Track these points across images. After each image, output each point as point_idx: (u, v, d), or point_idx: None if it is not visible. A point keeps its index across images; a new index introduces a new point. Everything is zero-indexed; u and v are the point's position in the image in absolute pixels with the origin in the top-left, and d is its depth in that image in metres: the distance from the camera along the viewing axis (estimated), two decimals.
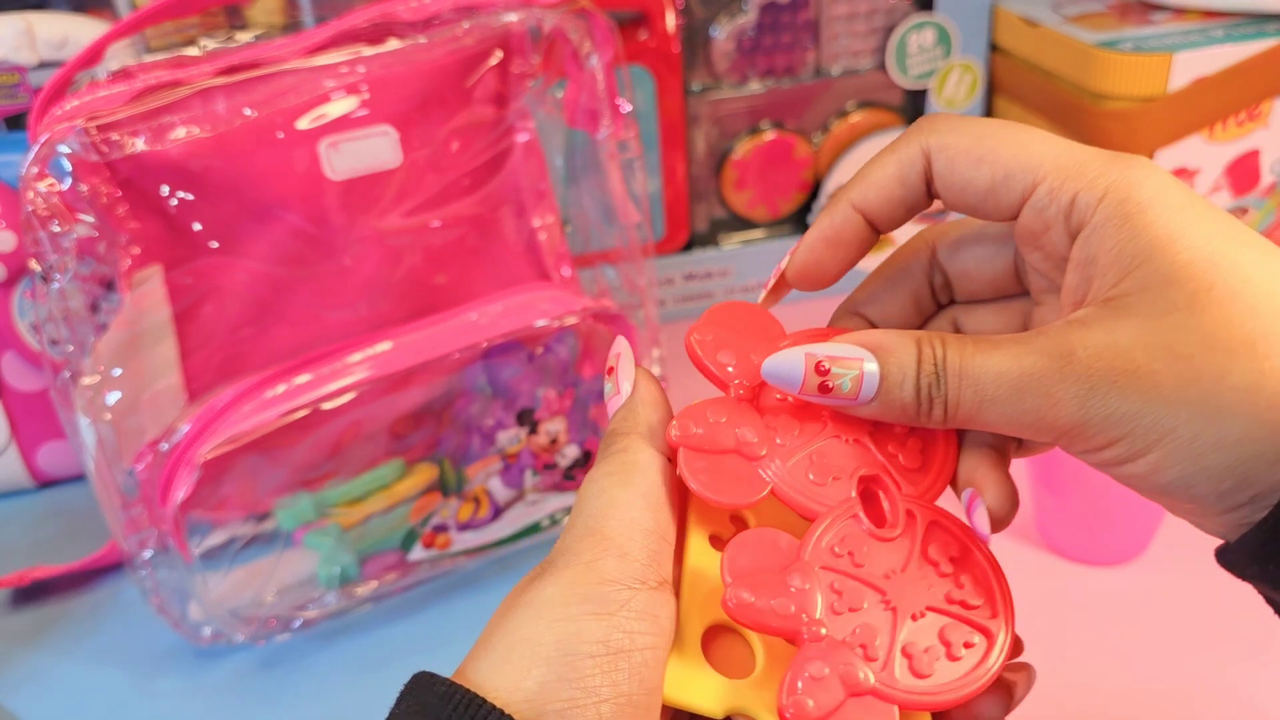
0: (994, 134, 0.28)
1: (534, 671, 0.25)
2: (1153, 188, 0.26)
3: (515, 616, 0.27)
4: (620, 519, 0.28)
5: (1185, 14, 0.70)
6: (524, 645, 0.26)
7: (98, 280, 0.50)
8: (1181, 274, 0.25)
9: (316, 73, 0.50)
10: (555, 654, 0.26)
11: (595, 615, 0.26)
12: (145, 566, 0.52)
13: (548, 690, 0.25)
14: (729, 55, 0.75)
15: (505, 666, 0.26)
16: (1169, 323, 0.25)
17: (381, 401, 0.51)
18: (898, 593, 0.28)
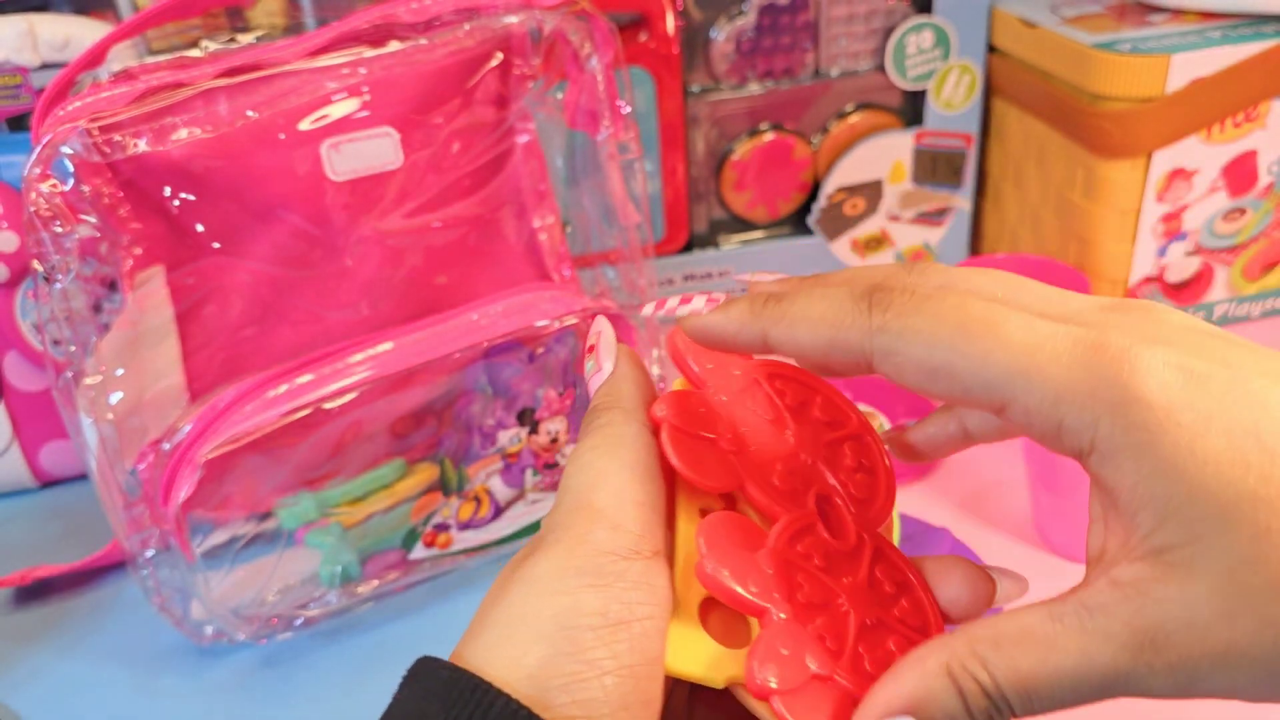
0: (949, 342, 0.24)
1: (533, 648, 0.25)
2: (1155, 391, 0.22)
3: (510, 594, 0.26)
4: (610, 491, 0.27)
5: (1183, 15, 0.70)
6: (521, 622, 0.26)
7: (100, 281, 0.50)
8: (1233, 514, 0.22)
9: (318, 74, 0.50)
10: (554, 629, 0.25)
11: (592, 587, 0.26)
12: (147, 566, 0.52)
13: (549, 666, 0.25)
14: (728, 57, 0.76)
15: (504, 645, 0.26)
16: (1240, 583, 0.22)
17: (383, 401, 0.51)
18: (854, 598, 0.29)
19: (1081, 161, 0.70)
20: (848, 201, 0.80)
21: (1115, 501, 0.23)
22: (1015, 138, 0.78)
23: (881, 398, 0.69)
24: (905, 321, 0.25)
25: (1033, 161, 0.76)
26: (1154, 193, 0.69)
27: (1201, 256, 0.72)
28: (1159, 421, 0.22)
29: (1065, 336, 0.23)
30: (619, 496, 0.27)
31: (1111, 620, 0.23)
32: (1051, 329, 0.24)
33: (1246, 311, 0.75)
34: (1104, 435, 0.23)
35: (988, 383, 0.24)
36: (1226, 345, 0.24)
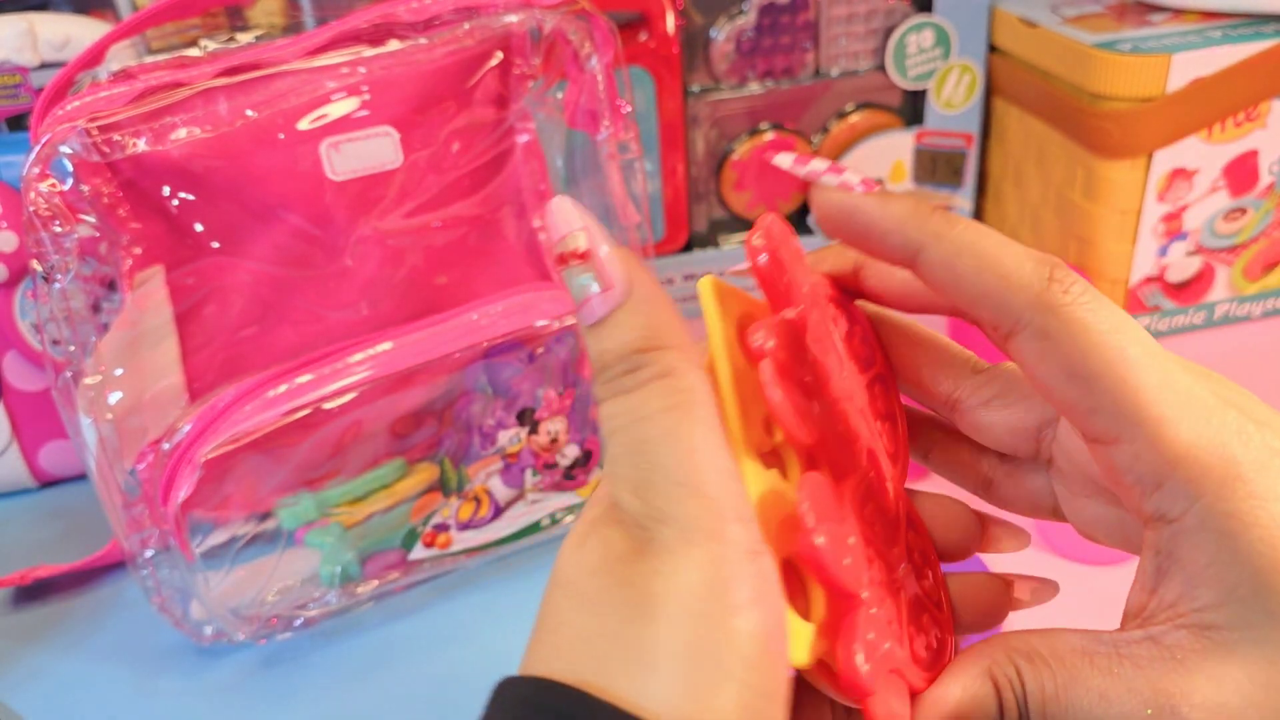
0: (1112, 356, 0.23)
1: (725, 689, 0.21)
2: (1258, 478, 0.22)
3: (650, 613, 0.21)
4: (712, 470, 0.22)
5: (1183, 15, 0.70)
6: (704, 659, 0.21)
7: (99, 280, 0.50)
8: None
9: (317, 74, 0.50)
10: (739, 667, 0.21)
11: (755, 605, 0.22)
12: (147, 565, 0.52)
13: (746, 711, 0.21)
14: (728, 57, 0.75)
15: (697, 692, 0.21)
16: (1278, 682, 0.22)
17: (382, 401, 0.51)
18: (904, 580, 0.27)
19: (1082, 161, 0.70)
20: None
21: (1180, 569, 0.23)
22: (1016, 137, 0.78)
23: None
24: (1083, 314, 0.23)
25: (1033, 161, 0.76)
26: (1154, 192, 0.69)
27: (1202, 256, 0.72)
28: (1252, 511, 0.22)
29: (1207, 397, 0.23)
30: (723, 476, 0.22)
31: (1139, 675, 0.23)
32: (1198, 388, 0.23)
33: (1247, 311, 0.75)
34: (1198, 510, 0.23)
35: (1122, 412, 0.23)
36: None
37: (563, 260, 0.23)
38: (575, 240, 0.23)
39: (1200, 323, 0.75)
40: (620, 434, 0.23)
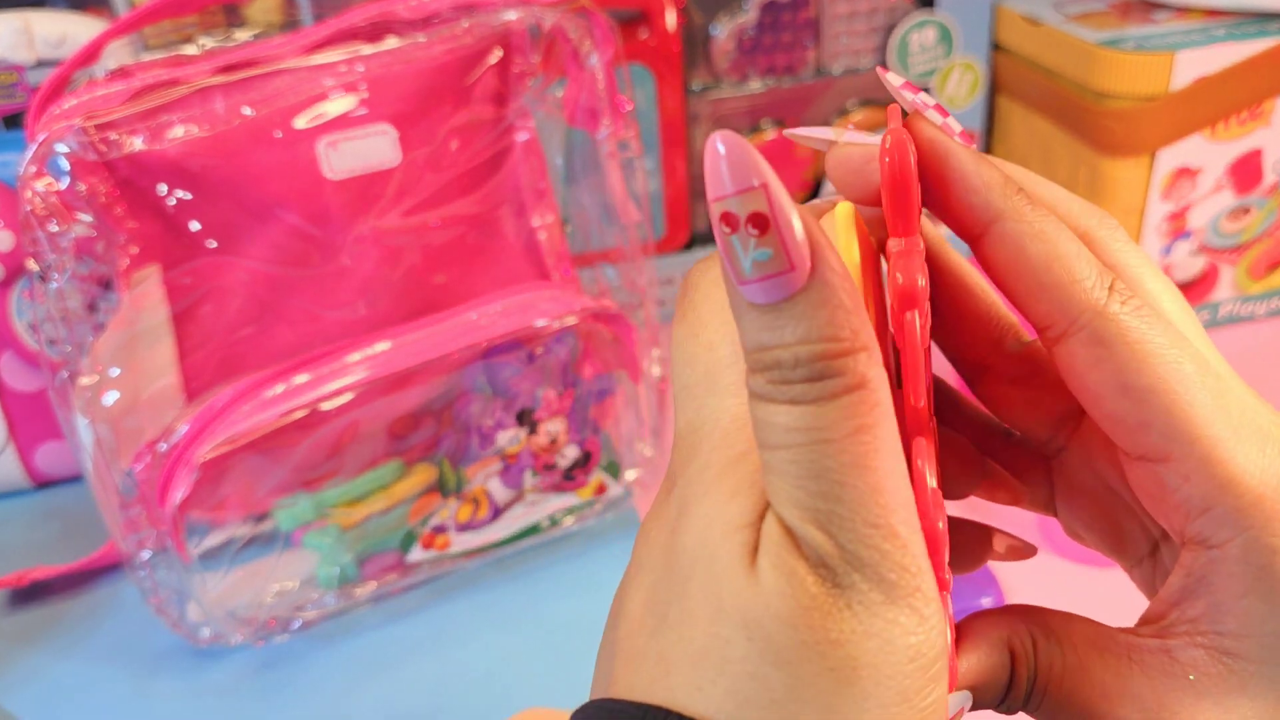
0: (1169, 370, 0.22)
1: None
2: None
3: (858, 682, 0.19)
4: (902, 507, 0.19)
5: (1187, 13, 0.70)
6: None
7: (96, 280, 0.49)
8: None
9: (315, 71, 0.50)
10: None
11: (943, 670, 0.20)
12: (144, 567, 0.51)
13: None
14: (729, 54, 0.75)
15: None
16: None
17: (380, 402, 0.51)
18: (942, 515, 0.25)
19: (1086, 160, 0.70)
20: None
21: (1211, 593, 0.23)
22: (1019, 136, 0.78)
23: None
24: (1139, 325, 0.22)
25: (1037, 159, 0.76)
26: (1158, 191, 0.68)
27: (1206, 255, 0.72)
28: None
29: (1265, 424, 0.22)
30: (909, 514, 0.20)
31: (1146, 684, 0.23)
32: (1256, 414, 0.23)
33: (1251, 311, 0.75)
34: (1242, 541, 0.22)
35: (1175, 431, 0.22)
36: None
37: (729, 221, 0.18)
38: (754, 202, 0.18)
39: (1204, 322, 0.74)
40: (793, 451, 0.19)
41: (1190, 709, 0.22)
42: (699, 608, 0.19)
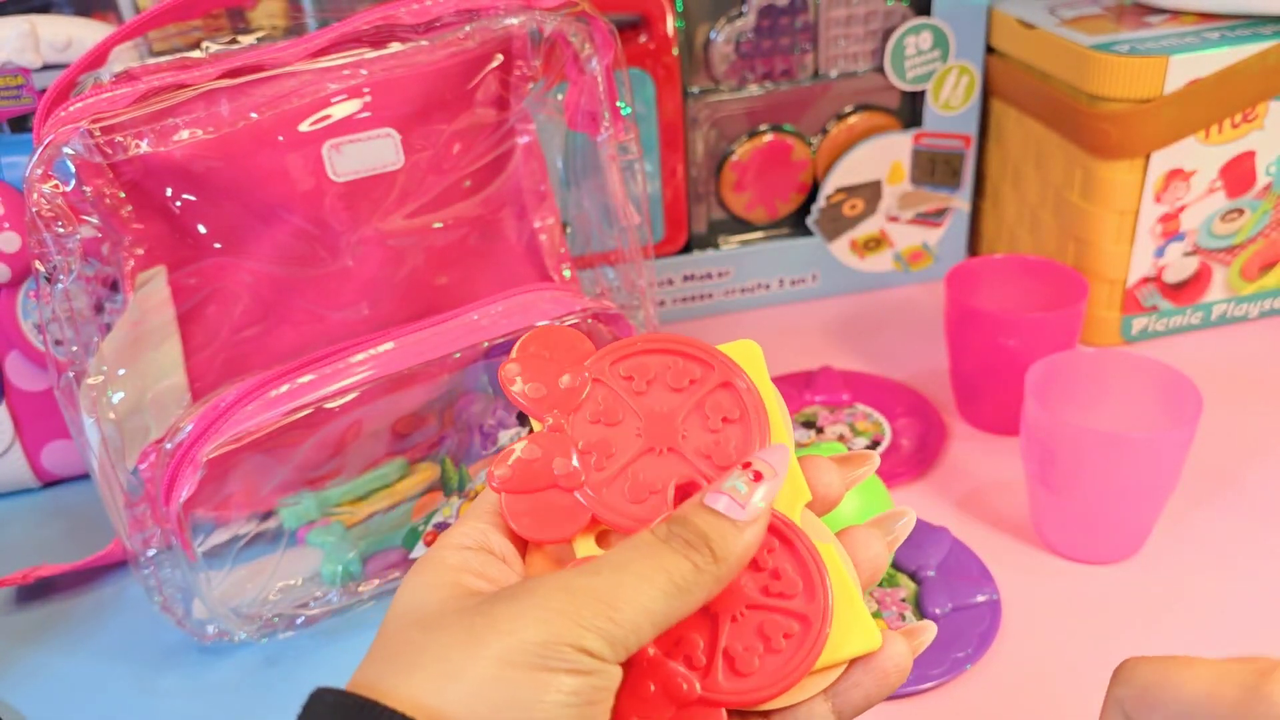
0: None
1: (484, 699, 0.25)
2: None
3: (477, 649, 0.26)
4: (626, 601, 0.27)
5: (1181, 17, 0.71)
6: (481, 686, 0.25)
7: (102, 281, 0.50)
8: None
9: (319, 75, 0.51)
10: (515, 697, 0.25)
11: (570, 673, 0.26)
12: (149, 565, 0.52)
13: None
14: (728, 58, 0.76)
15: (453, 702, 0.25)
16: None
17: (384, 401, 0.52)
18: (717, 599, 0.29)
19: (1080, 162, 0.70)
20: (847, 202, 0.81)
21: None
22: (1014, 138, 0.78)
23: (881, 399, 0.69)
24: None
25: (1031, 162, 0.76)
26: (1152, 193, 0.69)
27: (1199, 257, 0.72)
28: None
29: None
30: (635, 625, 0.27)
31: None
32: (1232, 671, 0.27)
33: (1244, 312, 0.75)
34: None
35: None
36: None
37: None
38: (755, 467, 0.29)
39: (1198, 323, 0.75)
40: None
41: None
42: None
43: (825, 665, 0.29)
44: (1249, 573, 0.54)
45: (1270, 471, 0.61)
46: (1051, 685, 0.49)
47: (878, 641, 0.29)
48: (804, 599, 0.29)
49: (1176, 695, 0.27)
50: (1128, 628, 0.51)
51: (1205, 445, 0.57)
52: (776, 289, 0.83)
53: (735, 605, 0.29)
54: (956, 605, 0.52)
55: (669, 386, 0.32)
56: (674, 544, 0.27)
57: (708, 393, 0.32)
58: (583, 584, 0.27)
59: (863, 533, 0.32)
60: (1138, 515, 0.54)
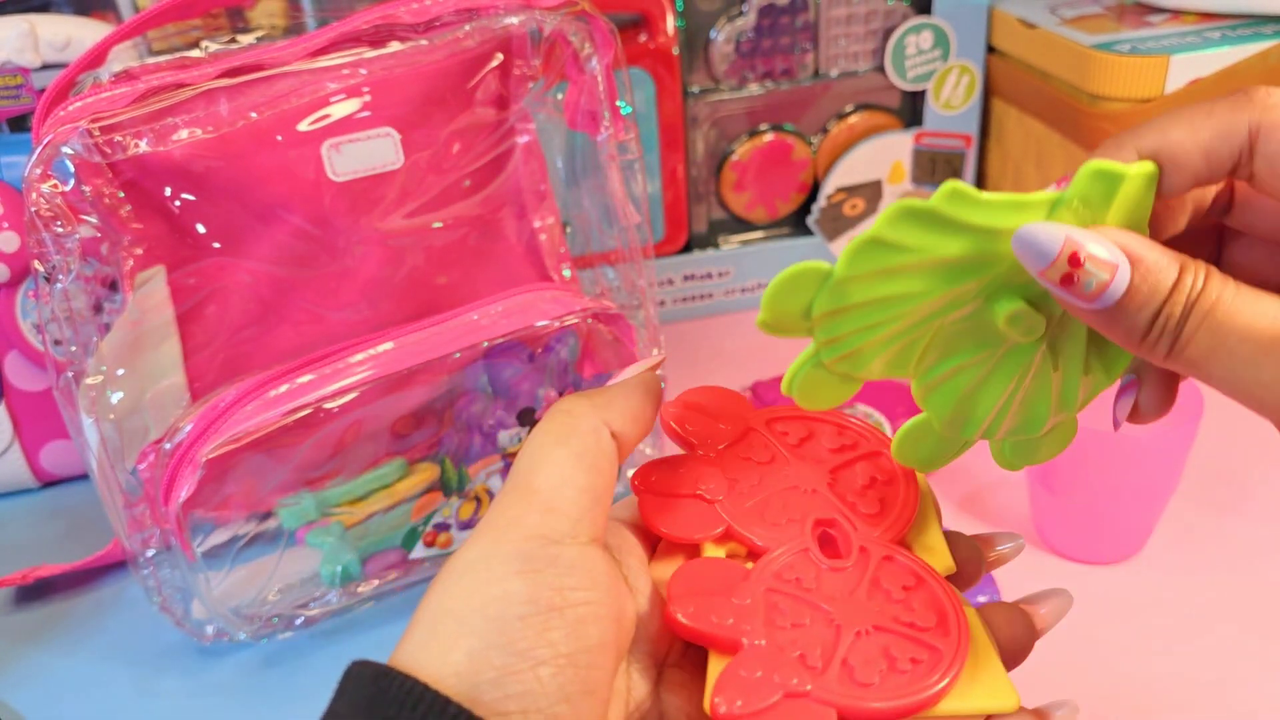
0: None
1: (461, 642, 0.24)
2: None
3: (440, 587, 0.25)
4: (550, 474, 0.27)
5: (1182, 16, 0.71)
6: (448, 616, 0.25)
7: (101, 281, 0.50)
8: None
9: (319, 75, 0.51)
10: (481, 620, 0.24)
11: (520, 574, 0.25)
12: (148, 565, 0.52)
13: (478, 659, 0.24)
14: (728, 58, 0.76)
15: (432, 642, 0.24)
16: None
17: (383, 401, 0.51)
18: (843, 612, 0.29)
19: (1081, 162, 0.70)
20: (847, 202, 0.81)
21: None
22: (1014, 138, 0.78)
23: (882, 399, 0.69)
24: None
25: (1032, 162, 0.76)
26: None
27: None
28: None
29: None
30: (560, 481, 0.27)
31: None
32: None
33: None
34: None
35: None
36: None
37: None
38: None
39: None
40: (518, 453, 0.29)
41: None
42: None
43: (953, 713, 0.28)
44: (1250, 573, 0.54)
45: (1271, 471, 0.61)
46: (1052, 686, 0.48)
47: (1014, 702, 0.28)
48: (937, 634, 0.28)
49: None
50: (1129, 628, 0.51)
51: (1207, 445, 0.57)
52: None
53: (862, 621, 0.28)
54: None
55: (823, 445, 0.33)
56: None
57: (859, 456, 0.33)
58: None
59: (1004, 610, 0.31)
60: (1139, 516, 0.54)
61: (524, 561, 0.25)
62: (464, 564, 0.26)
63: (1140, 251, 0.25)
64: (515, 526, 0.26)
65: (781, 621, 0.28)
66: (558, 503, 0.26)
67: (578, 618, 0.25)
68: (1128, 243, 0.25)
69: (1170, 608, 0.52)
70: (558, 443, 0.28)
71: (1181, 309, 0.24)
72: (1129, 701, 0.48)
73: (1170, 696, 0.48)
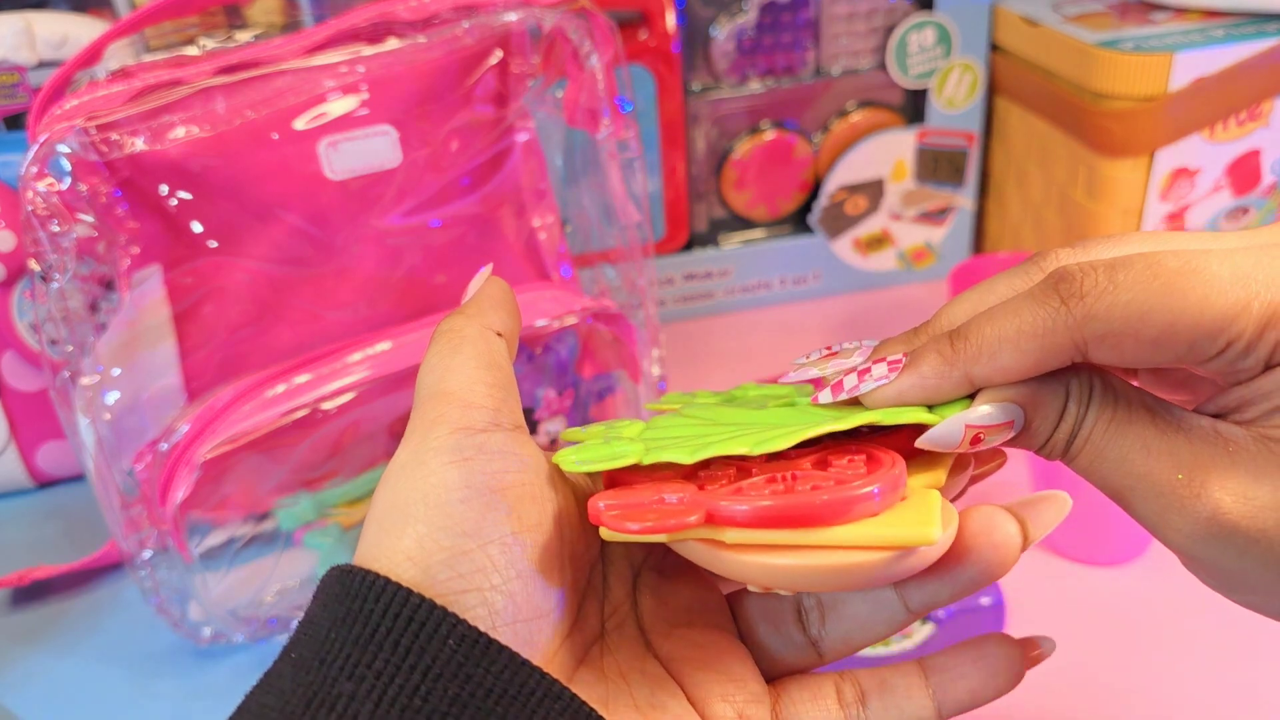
0: (1163, 303, 0.23)
1: (409, 530, 0.25)
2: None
3: (381, 491, 0.27)
4: (457, 377, 0.28)
5: (1186, 14, 0.70)
6: (393, 509, 0.26)
7: (97, 280, 0.50)
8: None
9: (316, 72, 0.50)
10: (424, 509, 0.25)
11: (453, 464, 0.26)
12: (145, 566, 0.52)
13: (427, 543, 0.25)
14: (729, 55, 0.75)
15: (382, 536, 0.26)
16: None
17: (381, 401, 0.51)
18: (766, 466, 0.27)
19: (1084, 160, 0.70)
20: (849, 200, 0.80)
21: (1269, 403, 0.24)
22: (1017, 136, 0.78)
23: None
24: (1109, 300, 0.23)
25: (1035, 160, 0.76)
26: (1157, 192, 0.68)
27: None
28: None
29: (1264, 254, 0.23)
30: (468, 379, 0.28)
31: (1188, 447, 0.24)
32: (1249, 251, 0.23)
33: None
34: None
35: (1211, 329, 0.23)
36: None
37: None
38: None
39: None
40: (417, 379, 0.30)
41: (1222, 473, 0.24)
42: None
43: (854, 542, 0.25)
44: None
45: None
46: (1056, 688, 0.48)
47: (934, 535, 0.24)
48: (855, 469, 0.26)
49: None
50: (1133, 629, 0.51)
51: None
52: (778, 288, 0.82)
53: (782, 468, 0.26)
54: (960, 608, 0.51)
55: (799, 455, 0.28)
56: None
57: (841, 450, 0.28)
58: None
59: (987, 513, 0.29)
60: None
61: (455, 453, 0.26)
62: (398, 466, 0.27)
63: (1030, 396, 0.26)
64: (440, 424, 0.27)
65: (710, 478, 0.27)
66: (472, 398, 0.28)
67: (516, 498, 0.26)
68: (1017, 394, 0.26)
69: (1174, 609, 0.52)
70: (454, 351, 0.29)
71: (1067, 436, 0.26)
72: (1130, 703, 0.47)
73: (1172, 698, 0.47)
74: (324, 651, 0.24)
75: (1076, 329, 0.24)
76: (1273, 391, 0.24)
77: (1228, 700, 0.47)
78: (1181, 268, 0.23)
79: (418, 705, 0.23)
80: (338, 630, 0.24)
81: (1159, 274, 0.23)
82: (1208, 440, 0.24)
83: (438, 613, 0.24)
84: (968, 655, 0.29)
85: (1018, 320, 0.25)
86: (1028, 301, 0.25)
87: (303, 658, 0.24)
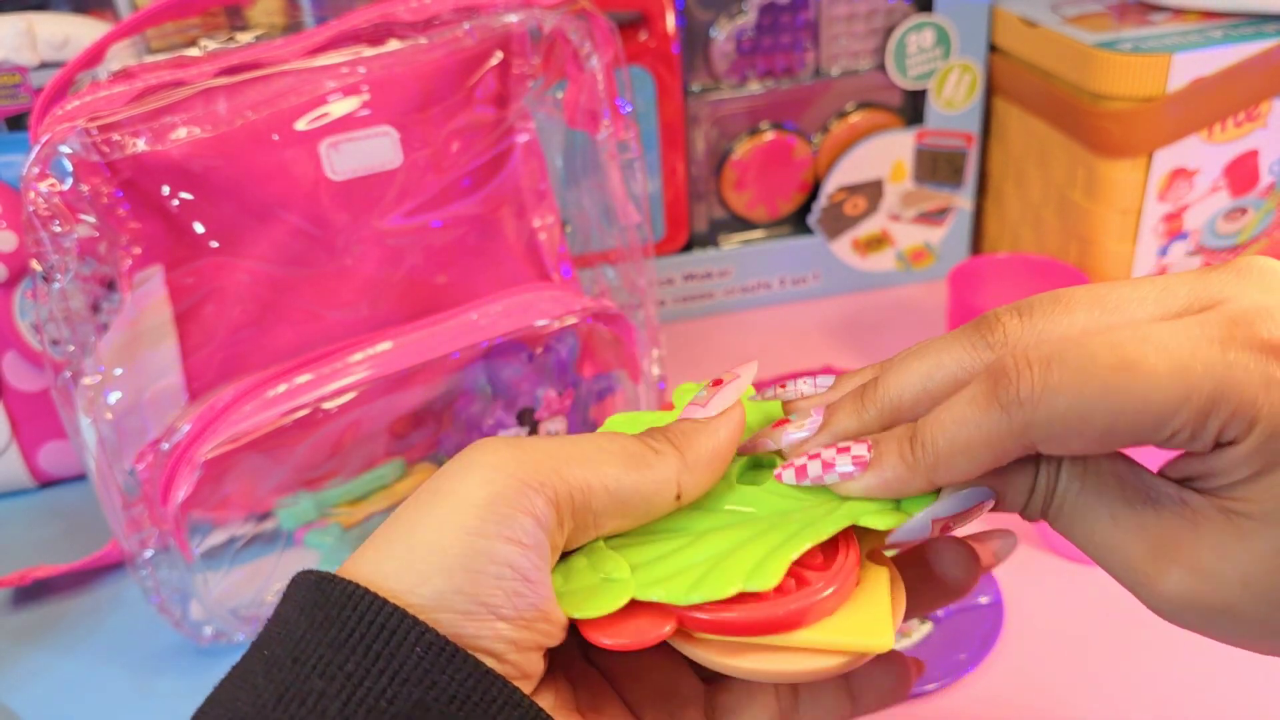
0: (1102, 404, 0.24)
1: (434, 579, 0.26)
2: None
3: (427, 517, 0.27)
4: (584, 472, 0.28)
5: (1184, 15, 0.70)
6: (429, 551, 0.26)
7: (99, 280, 0.50)
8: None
9: (317, 73, 0.50)
10: (460, 568, 0.26)
11: (510, 542, 0.26)
12: (146, 566, 0.52)
13: (444, 600, 0.25)
14: (728, 56, 0.75)
15: (405, 570, 0.26)
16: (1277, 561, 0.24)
17: (382, 401, 0.51)
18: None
19: (1083, 161, 0.70)
20: (848, 201, 0.80)
21: (1227, 471, 0.25)
22: (1016, 137, 0.78)
23: None
24: (1047, 407, 0.24)
25: (1034, 161, 0.76)
26: (1155, 192, 0.69)
27: (1203, 256, 0.72)
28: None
29: (1201, 336, 0.24)
30: (585, 485, 0.28)
31: (1156, 520, 0.26)
32: (1186, 334, 0.24)
33: None
34: (1254, 437, 0.23)
35: (1153, 424, 0.24)
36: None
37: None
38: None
39: None
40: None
41: (1189, 549, 0.25)
42: None
43: (814, 645, 0.27)
44: None
45: None
46: (1055, 687, 0.48)
47: (886, 643, 0.27)
48: (818, 570, 0.28)
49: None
50: (1132, 629, 0.51)
51: None
52: (777, 288, 0.83)
53: None
54: (958, 607, 0.51)
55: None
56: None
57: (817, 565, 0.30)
58: (534, 443, 0.28)
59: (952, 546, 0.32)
60: None
61: (521, 534, 0.27)
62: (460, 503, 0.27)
63: (997, 479, 0.27)
64: (522, 498, 0.27)
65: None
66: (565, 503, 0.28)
67: (548, 595, 0.27)
68: (982, 483, 0.27)
69: None
70: (609, 439, 0.29)
71: (1042, 503, 0.27)
72: (1131, 703, 0.48)
73: (1175, 697, 0.48)
74: (298, 651, 0.25)
75: (1021, 434, 0.25)
76: (1227, 468, 0.24)
77: (1228, 700, 0.47)
78: (1117, 364, 0.23)
79: (384, 706, 0.24)
80: (313, 633, 0.25)
81: (1095, 373, 0.23)
82: (1174, 512, 0.25)
83: (408, 621, 0.25)
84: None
85: (966, 431, 0.26)
86: (972, 409, 0.25)
87: (275, 655, 0.25)
